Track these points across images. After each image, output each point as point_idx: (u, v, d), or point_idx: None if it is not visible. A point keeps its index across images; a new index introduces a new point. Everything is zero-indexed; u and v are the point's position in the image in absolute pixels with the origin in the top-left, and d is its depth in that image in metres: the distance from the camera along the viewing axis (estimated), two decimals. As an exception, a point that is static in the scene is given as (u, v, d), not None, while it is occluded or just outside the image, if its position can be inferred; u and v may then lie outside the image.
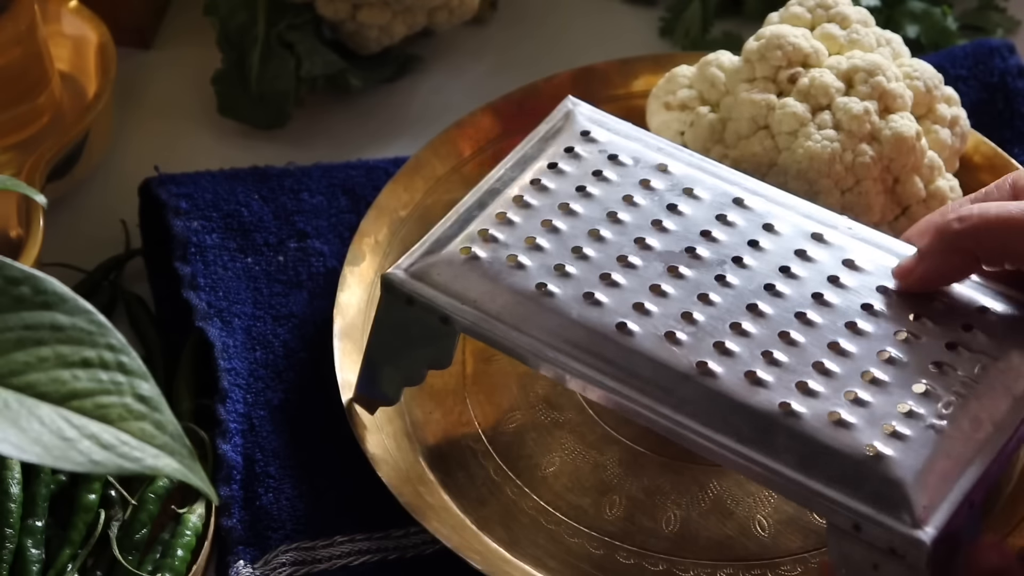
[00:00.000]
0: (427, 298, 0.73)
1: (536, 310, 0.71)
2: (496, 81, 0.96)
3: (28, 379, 0.56)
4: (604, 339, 0.70)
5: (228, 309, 0.84)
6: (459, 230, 0.74)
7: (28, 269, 0.57)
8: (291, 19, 0.95)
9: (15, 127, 0.91)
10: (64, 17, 0.95)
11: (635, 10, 1.04)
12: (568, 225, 0.74)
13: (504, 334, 0.71)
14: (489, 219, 0.74)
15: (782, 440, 0.66)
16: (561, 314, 0.71)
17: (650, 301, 0.71)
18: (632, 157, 0.76)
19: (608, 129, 0.78)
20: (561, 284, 0.72)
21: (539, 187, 0.76)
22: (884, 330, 0.69)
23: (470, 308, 0.72)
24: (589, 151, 0.77)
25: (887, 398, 0.67)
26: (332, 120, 0.97)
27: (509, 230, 0.74)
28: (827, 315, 0.70)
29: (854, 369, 0.68)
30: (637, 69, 0.92)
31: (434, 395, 0.82)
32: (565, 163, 0.77)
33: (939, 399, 0.67)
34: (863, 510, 0.64)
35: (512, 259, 0.73)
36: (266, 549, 0.77)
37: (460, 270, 0.73)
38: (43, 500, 0.76)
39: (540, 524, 0.77)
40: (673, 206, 0.74)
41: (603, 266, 0.72)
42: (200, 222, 0.87)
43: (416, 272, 0.73)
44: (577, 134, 0.78)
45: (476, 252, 0.73)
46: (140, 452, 0.56)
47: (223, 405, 0.81)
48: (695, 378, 0.68)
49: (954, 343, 0.69)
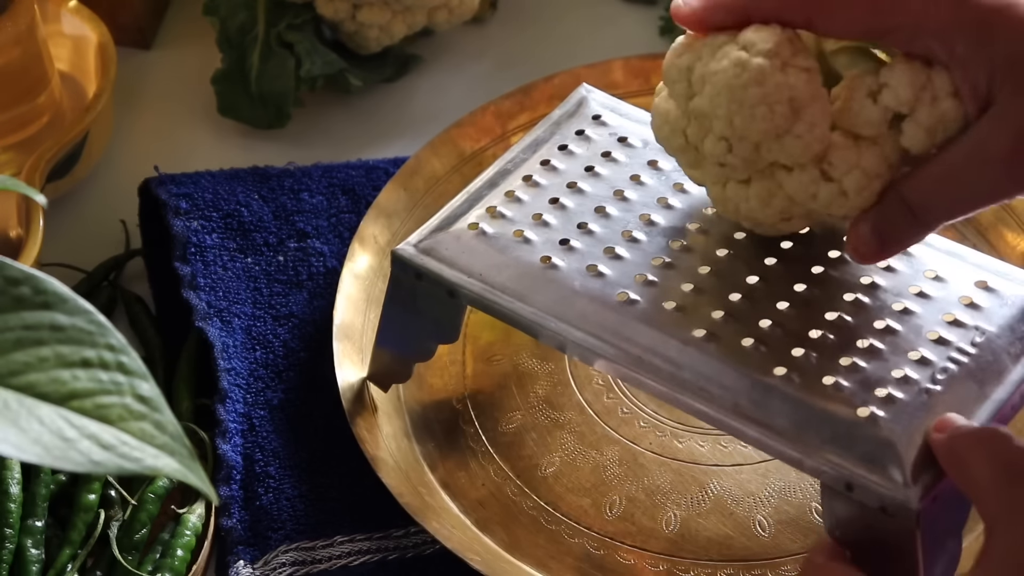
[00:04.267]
0: (434, 271, 0.74)
1: (540, 281, 0.72)
2: (496, 81, 0.96)
3: (28, 379, 0.56)
4: (605, 308, 0.71)
5: (228, 309, 0.84)
6: (469, 208, 0.76)
7: (28, 269, 0.57)
8: (291, 19, 0.95)
9: (15, 127, 0.91)
10: (64, 17, 0.95)
11: (635, 10, 1.03)
12: (575, 202, 0.75)
13: (508, 304, 0.72)
14: (498, 197, 0.76)
15: (776, 404, 0.67)
16: (564, 285, 0.72)
17: (652, 273, 0.72)
18: (642, 140, 0.77)
19: (620, 114, 0.79)
20: (565, 257, 0.73)
21: (549, 167, 0.77)
22: (883, 302, 0.70)
23: (476, 281, 0.73)
24: (599, 134, 0.78)
25: (882, 364, 0.68)
26: (332, 120, 0.97)
27: (517, 207, 0.75)
28: (825, 288, 0.71)
29: (851, 337, 0.69)
30: (637, 69, 0.92)
31: (434, 395, 0.82)
32: (575, 145, 0.78)
33: (934, 366, 0.68)
34: (855, 470, 0.65)
35: (518, 234, 0.74)
36: (266, 549, 0.77)
37: (467, 245, 0.74)
38: (43, 500, 0.76)
39: (540, 524, 0.77)
40: (680, 185, 0.75)
41: (607, 240, 0.73)
42: (200, 222, 0.87)
43: (425, 247, 0.75)
44: (589, 118, 0.79)
45: (484, 228, 0.74)
46: (140, 452, 0.55)
47: (223, 405, 0.81)
48: (693, 345, 0.69)
49: (953, 317, 0.70)
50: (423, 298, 0.75)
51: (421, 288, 0.75)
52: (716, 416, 0.68)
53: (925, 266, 0.72)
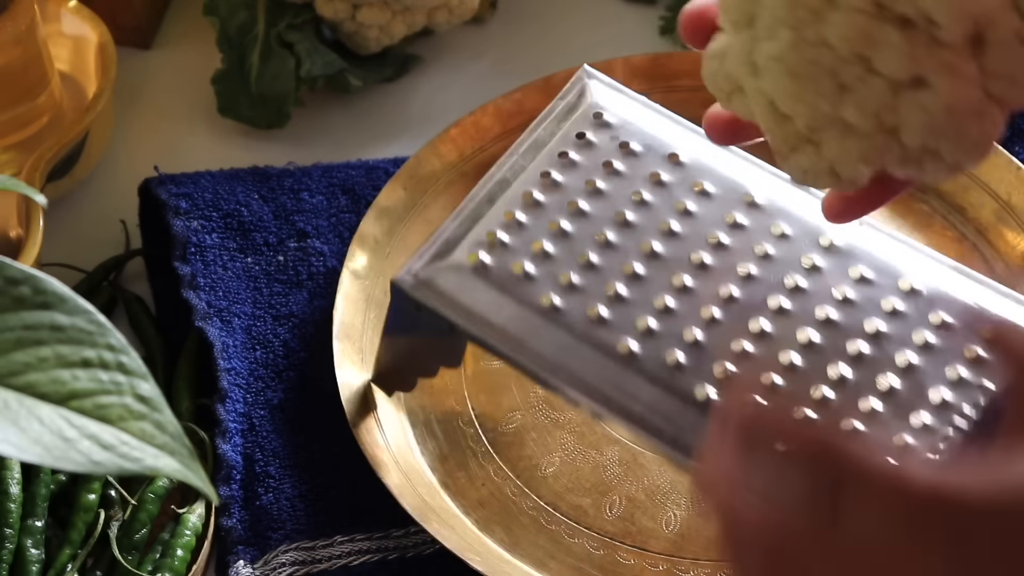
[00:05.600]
0: (433, 307, 0.73)
1: (541, 327, 0.71)
2: (496, 81, 0.96)
3: (28, 379, 0.56)
4: (606, 361, 0.70)
5: (228, 309, 0.84)
6: (467, 230, 0.74)
7: (28, 269, 0.57)
8: (291, 19, 0.95)
9: (15, 127, 0.91)
10: (64, 17, 0.95)
11: (635, 9, 1.03)
12: (576, 228, 0.74)
13: (509, 349, 0.72)
14: (497, 219, 0.74)
15: None
16: (566, 332, 0.71)
17: (655, 319, 0.71)
18: (643, 144, 0.76)
19: (621, 110, 0.77)
20: (567, 299, 0.72)
21: (548, 181, 0.75)
22: (888, 351, 0.70)
23: (476, 320, 0.72)
24: (600, 138, 0.76)
25: (883, 430, 0.67)
26: (332, 120, 0.97)
27: (516, 233, 0.74)
28: (834, 332, 0.70)
29: (854, 397, 0.68)
30: (637, 68, 0.92)
31: (434, 395, 0.82)
32: (576, 152, 0.76)
33: (937, 434, 0.67)
34: None
35: (518, 267, 0.73)
36: (266, 549, 0.77)
37: (467, 279, 0.73)
38: (43, 500, 0.76)
39: (540, 524, 0.77)
40: (682, 205, 0.74)
41: (609, 275, 0.72)
42: (200, 222, 0.87)
43: (424, 279, 0.74)
44: (590, 117, 0.77)
45: (483, 260, 0.73)
46: (140, 452, 0.56)
47: (223, 405, 0.81)
48: (695, 407, 0.69)
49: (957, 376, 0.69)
50: (423, 326, 0.74)
51: (421, 318, 0.74)
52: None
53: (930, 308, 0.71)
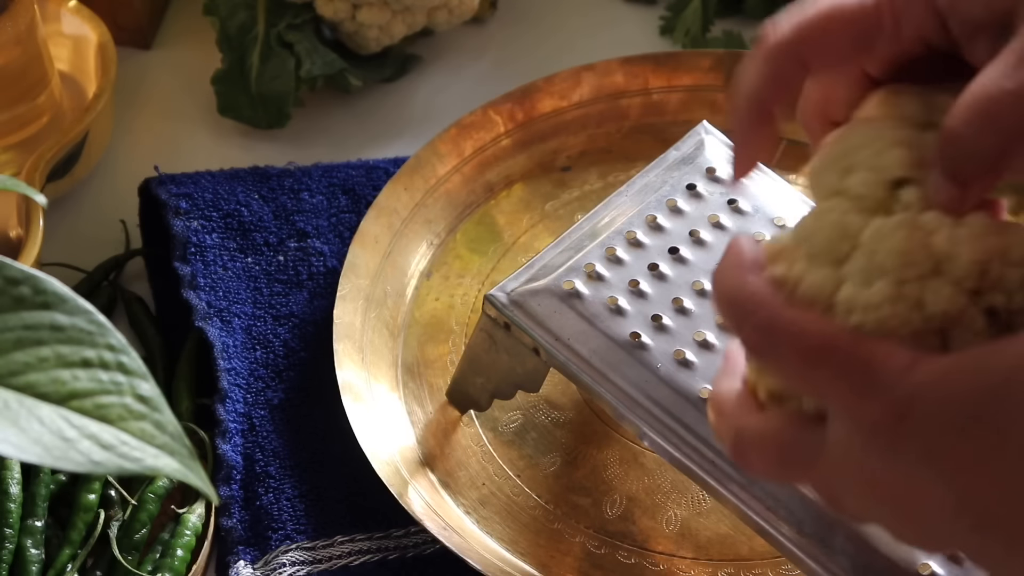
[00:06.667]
0: (523, 327, 0.73)
1: (625, 360, 0.71)
2: (496, 81, 0.96)
3: (28, 379, 0.56)
4: (685, 403, 0.70)
5: (228, 309, 0.84)
6: (567, 259, 0.74)
7: (28, 269, 0.57)
8: (291, 19, 0.95)
9: (15, 127, 0.91)
10: (64, 17, 0.95)
11: (635, 9, 1.03)
12: (674, 272, 0.74)
13: (590, 379, 0.72)
14: (598, 253, 0.74)
15: (839, 540, 0.66)
16: (649, 368, 0.71)
17: None
18: (753, 206, 0.76)
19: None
20: (655, 337, 0.72)
21: (654, 226, 0.75)
22: None
23: (563, 346, 0.72)
24: (711, 191, 0.76)
25: None
26: (332, 120, 0.97)
27: (614, 269, 0.74)
28: None
29: None
30: (637, 69, 0.92)
31: (434, 394, 0.82)
32: (685, 202, 0.76)
33: None
34: None
35: (612, 301, 0.73)
36: (266, 549, 0.77)
37: (559, 305, 0.73)
38: (43, 500, 0.76)
39: (540, 524, 0.77)
40: None
41: (699, 323, 0.72)
42: (200, 222, 0.87)
43: (517, 298, 0.74)
44: (703, 170, 0.77)
45: (578, 289, 0.73)
46: (140, 452, 0.55)
47: (223, 405, 0.81)
48: None
49: None
50: (509, 346, 0.75)
51: (508, 337, 0.74)
52: (777, 539, 0.67)
53: None
